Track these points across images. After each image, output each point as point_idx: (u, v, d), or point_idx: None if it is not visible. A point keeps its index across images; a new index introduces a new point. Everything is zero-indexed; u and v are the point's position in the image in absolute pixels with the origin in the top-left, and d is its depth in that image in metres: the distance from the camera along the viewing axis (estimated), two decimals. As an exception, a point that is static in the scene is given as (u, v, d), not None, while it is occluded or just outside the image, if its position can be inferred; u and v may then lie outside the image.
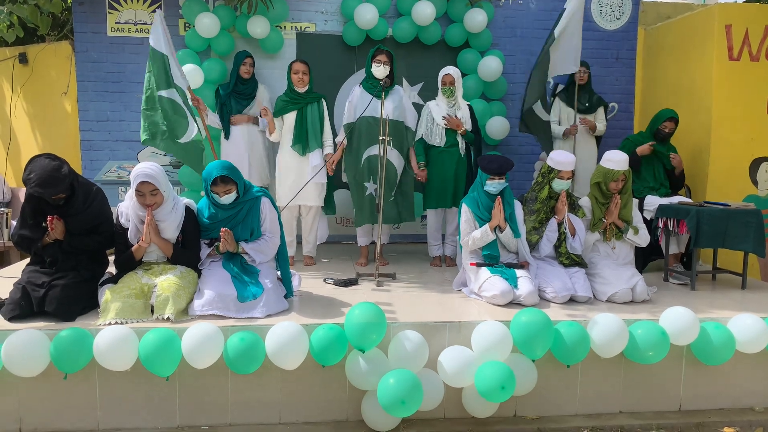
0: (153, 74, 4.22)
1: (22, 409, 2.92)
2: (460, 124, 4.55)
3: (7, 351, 2.75)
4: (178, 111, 4.26)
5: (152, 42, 4.23)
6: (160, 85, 4.20)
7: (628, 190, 3.92)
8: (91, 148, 5.44)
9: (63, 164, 3.13)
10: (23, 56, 5.69)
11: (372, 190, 4.56)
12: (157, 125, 4.21)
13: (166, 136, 4.22)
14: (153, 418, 2.99)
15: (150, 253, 3.32)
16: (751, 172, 5.37)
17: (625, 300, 3.62)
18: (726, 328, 3.22)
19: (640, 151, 4.71)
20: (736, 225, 4.00)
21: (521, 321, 3.01)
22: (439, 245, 4.84)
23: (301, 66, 4.55)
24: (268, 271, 3.39)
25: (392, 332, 3.02)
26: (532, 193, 3.93)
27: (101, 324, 2.96)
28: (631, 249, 3.99)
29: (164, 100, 4.21)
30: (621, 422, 3.15)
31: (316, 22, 5.54)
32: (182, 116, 4.28)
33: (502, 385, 2.80)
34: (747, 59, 5.25)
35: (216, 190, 3.28)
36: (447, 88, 4.56)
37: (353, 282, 4.04)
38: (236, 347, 2.83)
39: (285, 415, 3.06)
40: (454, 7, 5.43)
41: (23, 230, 3.22)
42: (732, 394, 3.35)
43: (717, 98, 5.24)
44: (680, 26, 5.67)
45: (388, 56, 4.52)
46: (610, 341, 3.06)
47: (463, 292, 3.81)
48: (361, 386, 2.95)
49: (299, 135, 4.54)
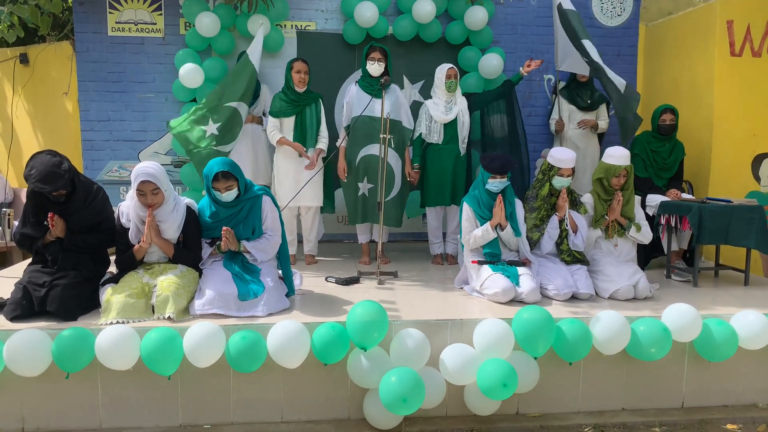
0: (231, 85, 4.60)
1: (25, 409, 2.93)
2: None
3: (9, 351, 2.75)
4: (236, 121, 4.62)
5: (251, 55, 4.67)
6: (235, 96, 4.57)
7: (630, 186, 3.91)
8: (92, 148, 5.44)
9: (64, 160, 3.14)
10: (24, 57, 5.69)
11: (365, 190, 4.55)
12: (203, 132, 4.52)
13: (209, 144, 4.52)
14: (155, 417, 2.99)
15: (151, 253, 3.32)
16: (754, 168, 5.35)
17: (628, 297, 3.62)
18: (729, 325, 3.21)
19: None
20: (738, 221, 3.99)
21: (523, 318, 3.00)
22: (440, 243, 4.84)
23: (302, 65, 4.54)
24: (269, 270, 3.39)
25: (394, 330, 3.02)
26: (532, 190, 3.92)
27: (103, 323, 2.96)
28: (634, 246, 3.98)
29: (230, 109, 4.56)
30: (623, 419, 3.14)
31: (317, 21, 5.53)
32: (237, 125, 4.63)
33: (504, 382, 2.79)
34: (749, 55, 5.23)
35: (217, 186, 3.28)
36: (452, 82, 4.53)
37: (355, 280, 4.04)
38: (238, 346, 2.83)
39: (287, 413, 3.06)
40: (454, 4, 5.41)
41: (25, 228, 3.23)
42: (735, 390, 3.35)
43: (719, 94, 5.22)
44: (682, 22, 5.66)
45: (382, 53, 4.50)
46: (612, 338, 3.05)
47: (465, 290, 3.81)
48: (363, 384, 2.95)
49: (298, 136, 4.54)
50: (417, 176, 4.65)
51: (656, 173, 4.76)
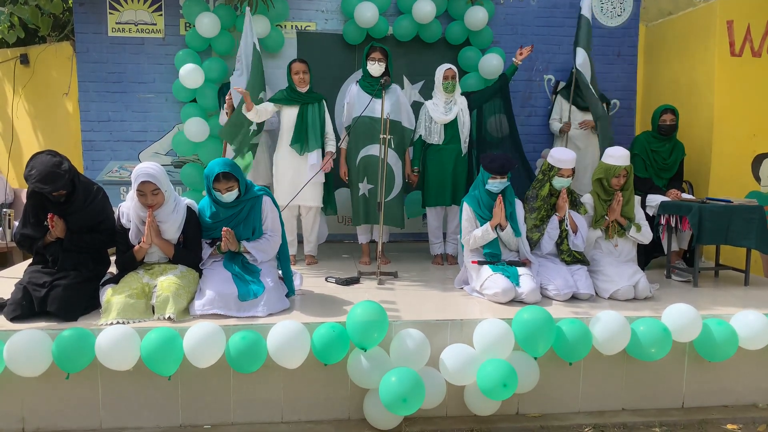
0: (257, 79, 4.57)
1: (25, 409, 2.93)
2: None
3: (10, 351, 2.76)
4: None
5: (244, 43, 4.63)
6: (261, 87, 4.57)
7: (630, 186, 3.91)
8: (92, 148, 5.45)
9: (64, 160, 3.14)
10: (24, 57, 5.70)
11: (365, 190, 4.55)
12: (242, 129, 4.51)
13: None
14: (155, 418, 2.99)
15: (151, 254, 3.32)
16: (754, 168, 5.35)
17: (628, 297, 3.62)
18: (729, 325, 3.21)
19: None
20: (738, 221, 3.99)
21: (523, 319, 3.00)
22: (440, 243, 4.84)
23: (300, 66, 4.52)
24: (269, 270, 3.39)
25: (394, 330, 3.02)
26: (532, 191, 3.92)
27: (103, 324, 2.96)
28: (634, 246, 3.98)
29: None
30: (624, 419, 3.14)
31: (317, 21, 5.53)
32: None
33: (504, 382, 2.80)
34: (749, 55, 5.23)
35: (218, 187, 3.28)
36: (450, 83, 4.54)
37: (355, 281, 4.04)
38: (238, 346, 2.83)
39: (287, 413, 3.06)
40: (454, 4, 5.42)
41: (25, 229, 3.24)
42: (735, 390, 3.35)
43: (719, 94, 5.22)
44: (682, 22, 5.66)
45: (383, 53, 4.50)
46: (612, 338, 3.05)
47: (465, 290, 3.81)
48: (363, 385, 2.95)
49: (299, 134, 4.50)
50: (416, 179, 4.66)
51: (656, 173, 4.76)
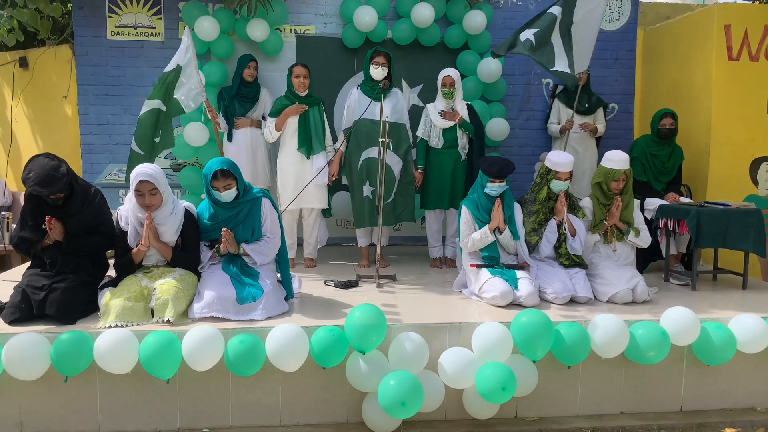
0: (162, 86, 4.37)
1: (23, 413, 2.92)
2: (456, 113, 4.53)
3: (8, 354, 2.75)
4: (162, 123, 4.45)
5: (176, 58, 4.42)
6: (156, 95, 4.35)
7: (629, 190, 3.91)
8: (91, 151, 5.45)
9: (61, 163, 3.14)
10: (23, 60, 5.70)
11: (368, 192, 4.56)
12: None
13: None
14: (153, 421, 2.98)
15: (150, 256, 3.32)
16: (752, 172, 5.36)
17: (626, 300, 3.62)
18: (727, 329, 3.21)
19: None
20: (736, 225, 3.99)
21: (522, 322, 3.00)
22: (439, 247, 4.84)
23: (302, 70, 4.55)
24: (268, 273, 3.39)
25: (393, 334, 3.02)
26: (530, 194, 3.92)
27: (101, 327, 2.96)
28: (632, 250, 3.99)
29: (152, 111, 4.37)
30: (622, 423, 3.14)
31: (316, 25, 5.54)
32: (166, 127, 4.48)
33: (503, 386, 2.80)
34: (746, 59, 5.25)
35: (216, 185, 3.28)
36: (447, 90, 4.56)
37: (353, 284, 4.04)
38: (236, 349, 2.83)
39: (285, 417, 3.06)
40: (453, 8, 5.43)
41: (23, 232, 3.23)
42: (733, 394, 3.35)
43: (717, 98, 5.24)
44: (679, 26, 5.68)
45: (386, 58, 4.52)
46: (610, 342, 3.05)
47: (464, 294, 3.81)
48: (362, 388, 2.95)
49: (304, 138, 4.54)
50: (420, 177, 4.68)
51: (655, 177, 4.77)
